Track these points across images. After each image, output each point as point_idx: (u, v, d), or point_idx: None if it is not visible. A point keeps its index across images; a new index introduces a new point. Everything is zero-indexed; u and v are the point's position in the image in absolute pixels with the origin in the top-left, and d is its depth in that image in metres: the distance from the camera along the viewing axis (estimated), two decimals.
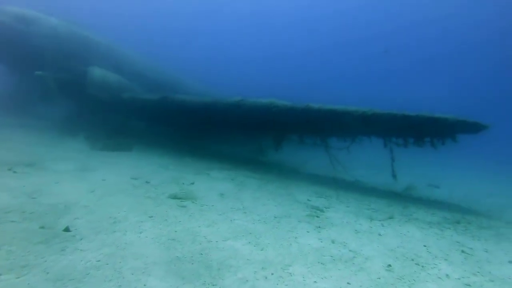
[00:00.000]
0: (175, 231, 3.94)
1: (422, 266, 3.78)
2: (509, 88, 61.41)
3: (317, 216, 5.39)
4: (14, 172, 5.50)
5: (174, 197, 5.46)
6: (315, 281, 3.13)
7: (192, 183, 6.64)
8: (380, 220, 5.65)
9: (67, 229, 3.45)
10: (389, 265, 3.69)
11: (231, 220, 4.67)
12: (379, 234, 4.85)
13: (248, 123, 9.62)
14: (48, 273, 2.66)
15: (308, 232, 4.56)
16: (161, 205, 4.93)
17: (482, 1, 53.11)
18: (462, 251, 4.52)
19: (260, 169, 9.62)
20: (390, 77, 68.85)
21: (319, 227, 4.85)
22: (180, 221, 4.33)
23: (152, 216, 4.35)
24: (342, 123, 7.91)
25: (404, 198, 8.10)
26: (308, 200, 6.57)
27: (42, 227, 3.49)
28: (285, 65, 70.62)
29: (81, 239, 3.33)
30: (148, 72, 14.49)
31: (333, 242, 4.27)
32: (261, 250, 3.72)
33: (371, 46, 65.03)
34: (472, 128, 7.02)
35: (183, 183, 6.55)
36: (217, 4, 67.56)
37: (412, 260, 3.95)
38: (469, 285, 3.47)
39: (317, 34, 71.57)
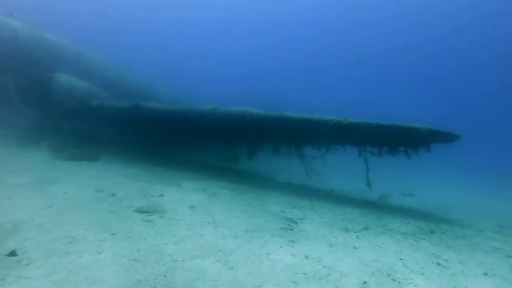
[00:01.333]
0: (138, 250, 3.65)
1: (398, 282, 3.65)
2: (483, 98, 64.21)
3: (291, 229, 5.21)
4: None
5: (141, 211, 5.15)
6: None
7: (161, 195, 6.34)
8: (355, 232, 5.53)
9: (12, 253, 3.09)
10: (365, 282, 3.54)
11: (200, 236, 4.41)
12: (354, 248, 4.71)
13: (222, 132, 9.41)
14: None
15: (281, 247, 4.36)
16: (126, 220, 4.62)
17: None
18: (438, 264, 4.43)
19: (234, 178, 9.39)
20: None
21: (293, 241, 4.67)
22: (144, 238, 4.04)
23: (114, 234, 4.04)
24: (317, 132, 7.83)
25: (378, 207, 8.06)
26: (282, 211, 6.39)
27: None
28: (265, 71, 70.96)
29: (27, 265, 2.98)
30: (120, 79, 14.03)
31: (306, 257, 4.08)
32: (231, 269, 3.49)
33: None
34: (446, 137, 7.08)
35: (152, 195, 6.24)
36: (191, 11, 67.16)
37: (388, 275, 3.81)
38: None
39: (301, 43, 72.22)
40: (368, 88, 70.44)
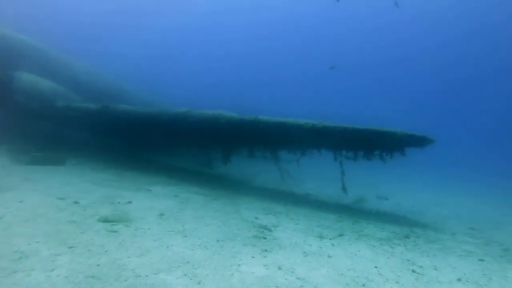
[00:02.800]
0: (98, 265, 3.35)
1: None
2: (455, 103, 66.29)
3: (264, 238, 5.01)
4: None
5: (105, 220, 4.82)
6: None
7: (130, 202, 6.00)
8: (330, 239, 5.40)
9: None
10: None
11: (167, 247, 4.14)
12: (329, 256, 4.56)
13: (195, 135, 9.14)
14: None
15: (253, 257, 4.16)
16: (87, 231, 4.29)
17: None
18: (413, 271, 4.35)
19: (208, 183, 9.12)
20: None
21: (266, 250, 4.47)
22: (106, 251, 3.74)
23: (72, 247, 3.71)
24: (292, 136, 7.70)
25: (354, 212, 8.00)
26: (256, 218, 6.19)
27: None
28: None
29: None
30: (89, 79, 13.48)
31: (279, 268, 3.89)
32: (198, 284, 3.25)
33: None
34: (420, 142, 7.10)
35: (119, 202, 5.90)
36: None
37: (363, 285, 3.68)
38: None
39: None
40: (355, 97, 71.17)
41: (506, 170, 28.25)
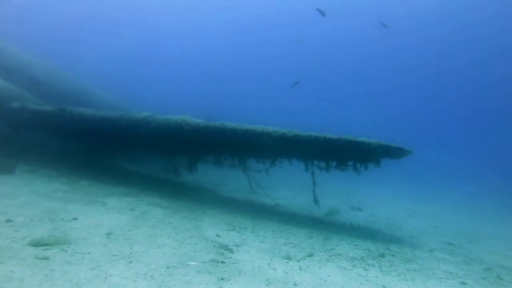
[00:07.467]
0: None
1: None
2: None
3: (223, 262, 4.43)
4: None
5: (38, 243, 4.12)
6: None
7: (75, 219, 5.31)
8: (298, 261, 4.88)
9: None
10: None
11: (105, 278, 3.51)
12: (295, 284, 4.03)
13: (158, 141, 8.50)
14: None
15: None
16: (10, 259, 3.60)
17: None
18: None
19: (171, 193, 8.45)
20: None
21: (223, 279, 3.89)
22: None
23: None
24: (261, 144, 7.19)
25: (326, 226, 7.54)
26: (218, 235, 5.60)
27: None
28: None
29: None
30: (49, 80, 12.60)
31: None
32: None
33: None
34: (396, 153, 6.74)
35: (62, 219, 5.19)
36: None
37: None
38: None
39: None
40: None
41: (478, 181, 28.78)
